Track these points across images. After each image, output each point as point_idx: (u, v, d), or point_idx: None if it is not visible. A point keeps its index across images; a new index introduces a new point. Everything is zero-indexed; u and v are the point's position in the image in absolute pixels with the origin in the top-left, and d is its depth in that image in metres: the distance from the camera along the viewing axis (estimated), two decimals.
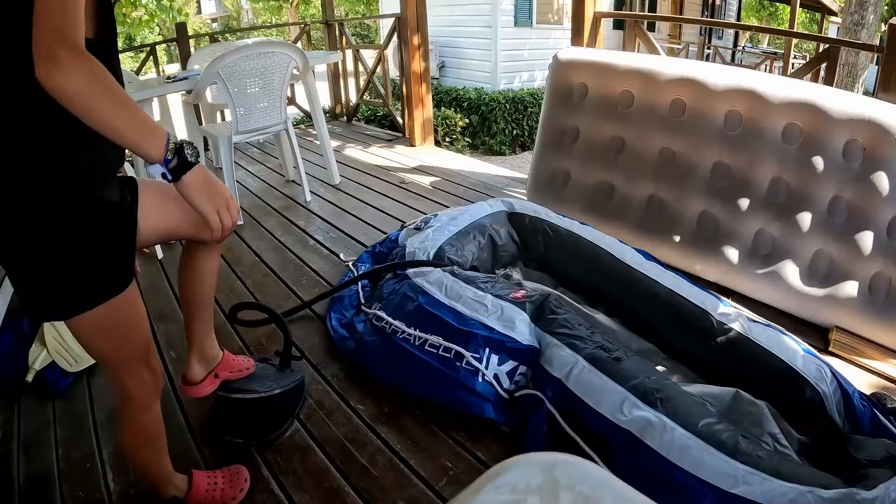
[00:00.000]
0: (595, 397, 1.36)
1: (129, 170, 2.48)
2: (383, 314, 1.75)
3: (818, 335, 1.85)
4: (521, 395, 1.50)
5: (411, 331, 1.64)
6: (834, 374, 1.46)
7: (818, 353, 1.57)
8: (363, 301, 1.95)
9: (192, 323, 1.29)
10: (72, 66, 0.72)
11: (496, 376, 1.52)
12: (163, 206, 1.03)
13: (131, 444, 1.16)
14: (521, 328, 1.56)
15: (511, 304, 1.64)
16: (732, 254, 2.04)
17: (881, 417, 1.39)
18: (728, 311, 1.67)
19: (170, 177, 0.84)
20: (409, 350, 1.61)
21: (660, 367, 1.63)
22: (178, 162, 0.83)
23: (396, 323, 1.69)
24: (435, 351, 1.57)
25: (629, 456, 1.25)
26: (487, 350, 1.53)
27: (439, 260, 1.96)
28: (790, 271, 1.91)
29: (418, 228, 2.24)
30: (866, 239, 1.79)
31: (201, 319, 1.32)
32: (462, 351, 1.53)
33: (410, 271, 1.86)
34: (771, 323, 1.73)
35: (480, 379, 1.50)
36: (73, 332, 0.99)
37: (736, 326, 1.61)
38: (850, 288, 1.80)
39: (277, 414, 1.51)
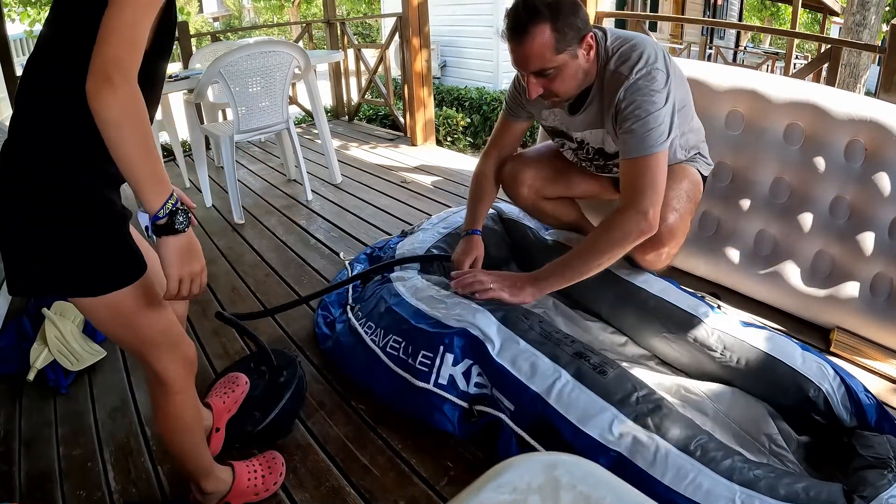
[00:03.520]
0: (580, 415, 1.29)
1: None
2: (360, 314, 1.76)
3: (819, 336, 1.85)
4: (480, 410, 1.44)
5: (377, 331, 1.64)
6: (836, 369, 1.44)
7: (818, 352, 1.55)
8: (350, 301, 1.95)
9: None
10: (120, 92, 0.78)
11: (451, 378, 1.47)
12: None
13: (168, 431, 1.14)
14: (482, 325, 1.51)
15: (472, 301, 1.60)
16: (733, 254, 2.03)
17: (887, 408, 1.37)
18: (721, 317, 1.64)
19: (151, 230, 0.88)
20: (373, 350, 1.61)
21: (655, 375, 1.60)
22: (166, 223, 0.87)
23: (369, 324, 1.69)
24: (395, 353, 1.56)
25: (620, 476, 1.21)
26: (441, 348, 1.49)
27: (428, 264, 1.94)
28: (791, 272, 1.91)
29: (408, 233, 2.24)
30: (868, 239, 1.78)
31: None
32: (417, 348, 1.51)
33: (393, 275, 1.86)
34: (766, 324, 1.72)
35: (434, 380, 1.47)
36: (91, 319, 1.00)
37: (731, 331, 1.57)
38: (852, 289, 1.80)
39: (278, 429, 1.52)
